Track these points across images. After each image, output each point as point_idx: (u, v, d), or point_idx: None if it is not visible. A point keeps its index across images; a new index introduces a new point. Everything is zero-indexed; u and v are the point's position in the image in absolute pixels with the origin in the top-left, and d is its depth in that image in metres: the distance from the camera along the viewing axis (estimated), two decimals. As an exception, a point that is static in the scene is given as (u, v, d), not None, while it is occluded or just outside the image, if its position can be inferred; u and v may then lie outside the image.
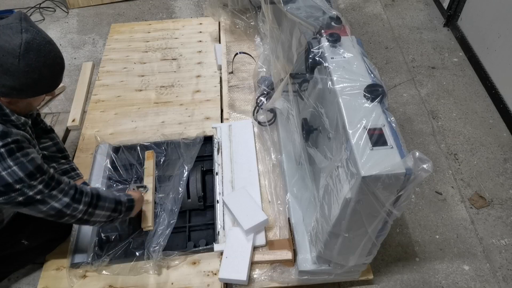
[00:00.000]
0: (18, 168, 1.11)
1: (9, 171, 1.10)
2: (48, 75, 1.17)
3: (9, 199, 1.12)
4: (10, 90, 1.12)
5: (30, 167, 1.13)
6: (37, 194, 1.15)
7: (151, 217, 1.60)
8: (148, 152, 1.85)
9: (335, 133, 1.13)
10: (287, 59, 1.59)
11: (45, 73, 1.15)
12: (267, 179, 1.78)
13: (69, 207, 1.23)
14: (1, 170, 1.09)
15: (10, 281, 1.63)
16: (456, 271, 1.67)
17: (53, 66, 1.17)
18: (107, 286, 1.52)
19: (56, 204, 1.20)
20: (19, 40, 1.08)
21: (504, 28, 2.19)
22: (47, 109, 2.33)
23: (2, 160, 1.08)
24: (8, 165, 1.09)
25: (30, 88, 1.16)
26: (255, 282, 1.52)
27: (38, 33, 1.12)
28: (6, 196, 1.12)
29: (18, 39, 1.08)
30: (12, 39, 1.07)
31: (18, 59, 1.08)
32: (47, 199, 1.18)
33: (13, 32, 1.08)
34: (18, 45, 1.07)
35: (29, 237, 1.49)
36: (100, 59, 2.52)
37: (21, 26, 1.09)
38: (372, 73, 1.15)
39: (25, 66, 1.09)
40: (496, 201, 1.89)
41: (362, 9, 3.02)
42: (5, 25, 1.09)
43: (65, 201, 1.22)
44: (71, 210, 1.24)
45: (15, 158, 1.10)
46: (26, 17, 1.13)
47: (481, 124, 2.21)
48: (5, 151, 1.09)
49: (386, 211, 1.04)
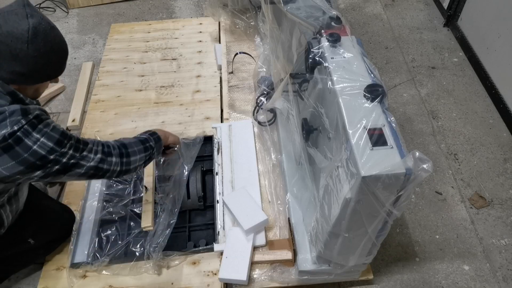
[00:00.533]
0: (46, 138, 1.10)
1: (39, 144, 1.09)
2: (55, 59, 1.18)
3: (47, 170, 1.12)
4: (19, 76, 1.12)
5: (56, 135, 1.13)
6: (70, 159, 1.15)
7: (151, 217, 1.60)
8: None
9: (335, 133, 1.13)
10: (287, 59, 1.59)
11: (52, 58, 1.16)
12: (267, 179, 1.78)
13: (104, 163, 1.23)
14: (32, 144, 1.08)
15: (10, 281, 1.63)
16: (456, 271, 1.67)
17: (59, 51, 1.18)
18: (107, 286, 1.52)
19: (92, 163, 1.20)
20: (26, 25, 1.07)
21: (504, 28, 2.19)
22: (47, 109, 2.33)
23: (28, 134, 1.08)
24: (36, 138, 1.09)
25: (39, 74, 1.16)
26: (255, 282, 1.52)
27: (43, 18, 1.12)
28: (44, 168, 1.12)
29: (25, 25, 1.07)
30: (19, 25, 1.06)
31: (27, 44, 1.07)
32: (80, 162, 1.18)
33: (19, 18, 1.07)
34: (26, 30, 1.06)
35: (34, 236, 1.49)
36: (100, 59, 2.52)
37: (25, 11, 1.08)
38: (372, 73, 1.15)
39: (33, 51, 1.09)
40: (496, 201, 1.89)
41: (362, 9, 3.02)
42: (9, 11, 1.08)
43: (98, 157, 1.22)
44: (107, 164, 1.24)
45: (39, 130, 1.10)
46: (29, 3, 1.12)
47: (481, 124, 2.21)
48: (29, 125, 1.08)
49: (386, 211, 1.04)
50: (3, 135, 1.04)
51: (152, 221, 1.60)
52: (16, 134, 1.06)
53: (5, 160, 1.06)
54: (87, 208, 1.69)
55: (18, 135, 1.06)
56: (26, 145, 1.08)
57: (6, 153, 1.06)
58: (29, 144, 1.08)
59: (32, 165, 1.10)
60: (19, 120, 1.07)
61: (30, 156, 1.08)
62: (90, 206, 1.70)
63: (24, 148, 1.07)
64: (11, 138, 1.05)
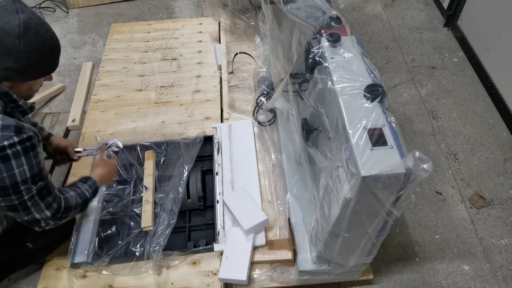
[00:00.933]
0: (28, 168, 1.10)
1: (21, 170, 1.09)
2: (48, 54, 1.17)
3: (7, 201, 1.12)
4: (13, 73, 1.12)
5: (36, 170, 1.13)
6: (29, 200, 1.15)
7: (151, 217, 1.60)
8: (148, 152, 1.85)
9: (335, 133, 1.13)
10: (287, 59, 1.59)
11: (45, 53, 1.15)
12: (267, 179, 1.78)
13: (45, 221, 1.23)
14: (15, 167, 1.08)
15: (10, 281, 1.63)
16: (456, 271, 1.67)
17: (51, 45, 1.18)
18: (107, 286, 1.52)
19: (37, 215, 1.20)
20: (17, 21, 1.07)
21: (504, 28, 2.19)
22: (47, 109, 2.34)
23: (17, 157, 1.08)
24: (21, 163, 1.09)
25: (32, 69, 1.15)
26: (255, 282, 1.52)
27: (33, 13, 1.13)
28: (7, 197, 1.11)
29: (16, 20, 1.07)
30: (10, 20, 1.06)
31: (19, 39, 1.07)
32: (31, 208, 1.17)
33: (9, 13, 1.07)
34: (17, 25, 1.07)
35: (33, 240, 1.49)
36: (100, 59, 2.52)
37: (15, 7, 1.09)
38: (372, 73, 1.15)
39: (25, 46, 1.09)
40: (496, 201, 1.89)
41: (362, 9, 3.02)
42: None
43: (46, 214, 1.21)
44: (45, 224, 1.24)
45: (28, 157, 1.10)
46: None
47: (481, 124, 2.21)
48: (21, 149, 1.08)
49: (386, 211, 1.04)
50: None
51: (152, 221, 1.60)
52: (5, 151, 1.05)
53: None
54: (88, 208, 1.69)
55: (7, 153, 1.06)
56: (10, 166, 1.07)
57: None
58: (13, 166, 1.07)
59: (3, 189, 1.09)
60: (11, 136, 1.06)
61: (8, 178, 1.08)
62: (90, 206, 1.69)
63: (7, 168, 1.07)
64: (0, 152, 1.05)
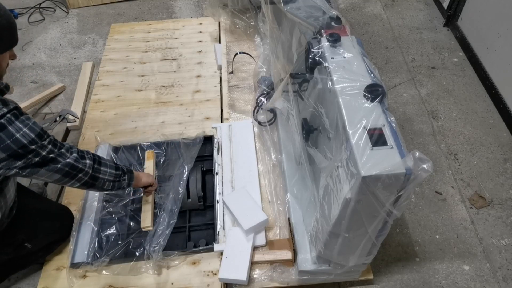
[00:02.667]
0: (28, 129, 1.15)
1: (22, 133, 1.14)
2: (6, 25, 1.19)
3: (27, 161, 1.16)
4: None
5: (37, 129, 1.18)
6: (49, 153, 1.20)
7: (151, 217, 1.60)
8: (148, 152, 1.85)
9: (335, 133, 1.13)
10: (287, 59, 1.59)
11: (3, 24, 1.17)
12: (267, 179, 1.78)
13: (78, 162, 1.28)
14: (15, 132, 1.13)
15: (10, 281, 1.63)
16: (456, 271, 1.67)
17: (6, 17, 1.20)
18: (107, 286, 1.52)
19: (68, 160, 1.25)
20: None
21: (504, 28, 2.19)
22: (47, 109, 2.34)
23: (12, 123, 1.13)
24: (19, 127, 1.14)
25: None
26: (255, 282, 1.52)
27: None
28: (24, 159, 1.16)
29: None
30: None
31: None
32: (58, 158, 1.23)
33: None
34: None
35: (30, 240, 1.49)
36: (100, 59, 2.52)
37: None
38: (372, 73, 1.15)
39: None
40: (496, 201, 1.89)
41: (362, 9, 3.02)
42: None
43: (74, 156, 1.27)
44: (82, 164, 1.29)
45: (21, 121, 1.15)
46: None
47: (481, 124, 2.21)
48: (11, 115, 1.13)
49: (386, 211, 1.04)
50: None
51: (152, 221, 1.60)
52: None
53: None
54: (87, 208, 1.69)
55: (1, 121, 1.11)
56: (10, 132, 1.12)
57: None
58: (12, 132, 1.12)
59: (14, 153, 1.14)
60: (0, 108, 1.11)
61: (13, 144, 1.12)
62: (90, 206, 1.70)
63: (7, 134, 1.12)
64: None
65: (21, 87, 2.49)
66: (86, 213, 1.68)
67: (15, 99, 2.37)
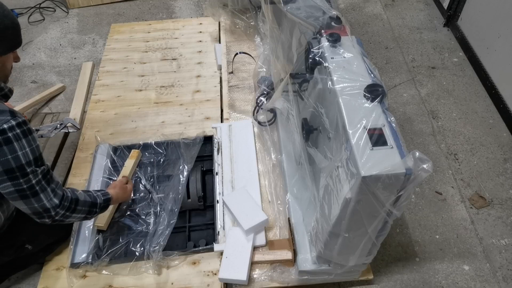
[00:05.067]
0: (30, 150, 1.14)
1: (24, 152, 1.13)
2: (10, 25, 1.19)
3: (16, 185, 1.14)
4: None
5: (37, 153, 1.17)
6: (37, 184, 1.17)
7: (107, 219, 1.62)
8: (134, 151, 1.85)
9: (335, 133, 1.13)
10: (287, 59, 1.59)
11: (8, 24, 1.17)
12: (267, 179, 1.78)
13: (54, 209, 1.23)
14: (18, 149, 1.11)
15: (10, 281, 1.63)
16: (456, 271, 1.67)
17: (11, 17, 1.20)
18: (107, 286, 1.52)
19: (46, 203, 1.21)
20: None
21: (504, 28, 2.19)
22: (47, 109, 2.34)
23: (19, 140, 1.11)
24: (23, 145, 1.13)
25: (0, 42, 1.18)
26: (255, 282, 1.52)
27: None
28: (16, 181, 1.13)
29: None
30: None
31: None
32: (40, 194, 1.19)
33: None
34: None
35: (31, 241, 1.49)
36: (100, 59, 2.52)
37: None
38: (372, 73, 1.15)
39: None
40: (496, 201, 1.89)
41: (362, 9, 3.02)
42: None
43: (54, 202, 1.23)
44: (55, 212, 1.24)
45: (28, 140, 1.14)
46: None
47: (481, 124, 2.21)
48: (21, 132, 1.12)
49: (386, 211, 1.04)
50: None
51: (107, 221, 1.62)
52: (6, 134, 1.09)
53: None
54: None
55: (8, 135, 1.09)
56: (13, 148, 1.10)
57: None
58: (16, 148, 1.11)
59: (10, 171, 1.11)
60: (8, 120, 1.10)
61: (12, 160, 1.11)
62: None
63: (10, 150, 1.10)
64: (1, 135, 1.08)
65: (21, 87, 2.49)
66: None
67: (15, 99, 2.38)
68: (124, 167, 1.80)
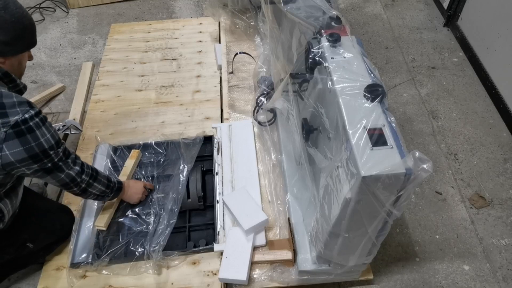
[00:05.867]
0: (51, 136, 1.22)
1: (45, 138, 1.20)
2: (28, 25, 1.26)
3: (42, 165, 1.23)
4: (4, 47, 1.20)
5: (56, 137, 1.25)
6: (59, 161, 1.27)
7: (107, 219, 1.63)
8: (134, 151, 1.85)
9: (335, 133, 1.13)
10: (287, 59, 1.59)
11: (26, 23, 1.24)
12: (267, 179, 1.78)
13: (79, 176, 1.36)
14: (40, 136, 1.19)
15: (10, 281, 1.63)
16: (456, 271, 1.67)
17: (29, 17, 1.26)
18: (107, 286, 1.52)
19: (70, 171, 1.33)
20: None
21: (504, 28, 2.19)
22: (47, 109, 2.34)
23: (39, 127, 1.19)
24: (44, 132, 1.20)
25: (19, 41, 1.24)
26: (255, 282, 1.52)
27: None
28: (40, 163, 1.22)
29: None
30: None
31: (3, 11, 1.15)
32: (63, 167, 1.30)
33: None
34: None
35: (33, 240, 1.49)
36: (100, 59, 2.52)
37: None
38: (372, 73, 1.15)
39: (10, 16, 1.17)
40: (496, 201, 1.89)
41: (362, 9, 3.02)
42: None
43: (76, 169, 1.34)
44: (80, 179, 1.36)
45: (46, 127, 1.21)
46: None
47: (481, 124, 2.21)
48: (39, 120, 1.19)
49: (386, 211, 1.04)
50: (16, 120, 1.13)
51: (106, 222, 1.63)
52: (28, 123, 1.15)
53: (15, 145, 1.14)
54: (87, 208, 1.69)
55: (30, 125, 1.16)
56: (36, 136, 1.18)
57: (18, 138, 1.14)
58: (38, 136, 1.18)
59: (35, 156, 1.19)
60: (27, 110, 1.16)
61: (36, 147, 1.18)
62: (90, 206, 1.70)
63: (33, 137, 1.17)
64: (24, 125, 1.14)
65: (21, 87, 2.49)
66: (86, 213, 1.68)
67: (15, 99, 2.37)
68: (124, 167, 1.80)
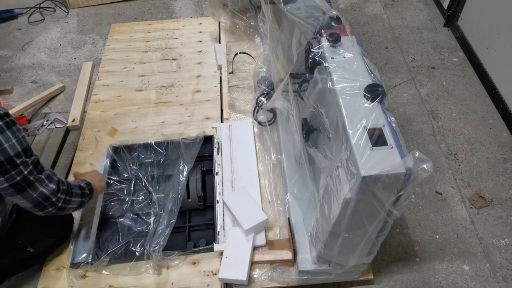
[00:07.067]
0: (17, 142, 1.11)
1: (10, 144, 1.10)
2: None
3: (10, 179, 1.11)
4: None
5: (24, 144, 1.14)
6: (29, 174, 1.15)
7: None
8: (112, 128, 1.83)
9: (335, 133, 1.13)
10: (287, 59, 1.59)
11: None
12: (267, 179, 1.78)
13: (55, 195, 1.22)
14: (4, 141, 1.08)
15: (10, 281, 1.63)
16: (456, 271, 1.67)
17: None
18: (107, 286, 1.52)
19: (44, 190, 1.19)
20: None
21: (504, 28, 2.19)
22: (47, 109, 2.34)
23: (3, 132, 1.08)
24: (9, 137, 1.10)
25: None
26: (255, 282, 1.52)
27: None
28: (8, 175, 1.10)
29: None
30: None
31: None
32: (36, 184, 1.17)
33: None
34: None
35: (33, 244, 1.48)
36: (100, 59, 2.52)
37: None
38: (372, 73, 1.15)
39: None
40: (496, 201, 1.89)
41: (362, 9, 3.02)
42: None
43: (51, 187, 1.21)
44: (56, 198, 1.23)
45: (12, 131, 1.11)
46: None
47: (481, 124, 2.21)
48: (4, 123, 1.09)
49: (386, 211, 1.04)
50: None
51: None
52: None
53: None
54: (87, 208, 1.69)
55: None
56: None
57: None
58: (2, 141, 1.08)
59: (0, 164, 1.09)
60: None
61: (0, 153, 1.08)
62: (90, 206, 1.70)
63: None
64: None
65: (21, 87, 2.49)
66: (86, 213, 1.68)
67: (15, 99, 2.38)
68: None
